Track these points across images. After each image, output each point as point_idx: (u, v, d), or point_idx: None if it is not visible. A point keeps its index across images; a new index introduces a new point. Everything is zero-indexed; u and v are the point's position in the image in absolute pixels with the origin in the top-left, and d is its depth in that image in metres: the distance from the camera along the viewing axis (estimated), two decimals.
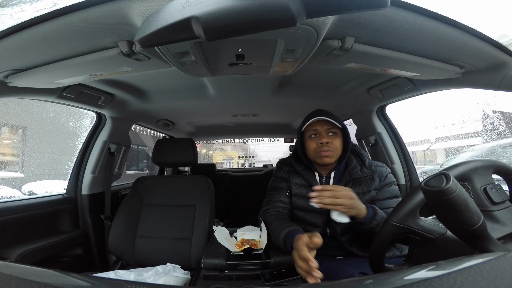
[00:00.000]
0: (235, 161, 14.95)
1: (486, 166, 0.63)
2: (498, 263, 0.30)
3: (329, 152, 0.96)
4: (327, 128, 0.98)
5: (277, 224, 0.92)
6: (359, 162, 1.02)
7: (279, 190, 1.08)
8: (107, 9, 0.54)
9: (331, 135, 0.98)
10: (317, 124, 1.00)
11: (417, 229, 0.55)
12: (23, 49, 0.66)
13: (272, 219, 0.98)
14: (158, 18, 0.36)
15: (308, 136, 1.01)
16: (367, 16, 0.58)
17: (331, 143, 0.96)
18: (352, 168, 0.99)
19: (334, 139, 0.98)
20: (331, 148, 0.96)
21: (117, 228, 1.26)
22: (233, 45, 0.68)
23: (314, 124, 1.00)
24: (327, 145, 0.96)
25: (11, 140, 5.72)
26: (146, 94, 1.32)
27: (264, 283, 0.79)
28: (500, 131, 8.54)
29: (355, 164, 1.01)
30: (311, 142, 1.00)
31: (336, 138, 0.98)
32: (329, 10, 0.32)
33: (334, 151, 0.97)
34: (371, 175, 0.98)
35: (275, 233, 0.89)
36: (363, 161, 1.01)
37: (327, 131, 0.98)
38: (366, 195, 0.96)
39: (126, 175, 5.73)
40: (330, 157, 0.97)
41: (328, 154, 0.96)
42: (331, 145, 0.96)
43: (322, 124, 0.99)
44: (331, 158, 0.97)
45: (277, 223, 0.92)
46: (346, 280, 0.34)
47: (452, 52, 0.73)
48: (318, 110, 1.03)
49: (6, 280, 0.27)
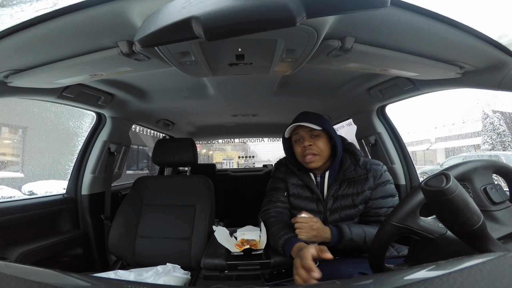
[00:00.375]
0: (235, 161, 14.94)
1: (486, 166, 0.63)
2: (498, 263, 0.30)
3: (313, 157, 0.96)
4: (308, 131, 0.98)
5: (276, 228, 0.92)
6: (353, 161, 1.00)
7: (278, 190, 1.09)
8: (107, 9, 0.54)
9: (313, 137, 0.98)
10: (299, 128, 1.00)
11: (417, 229, 0.55)
12: (23, 49, 0.66)
13: (272, 221, 0.98)
14: (158, 18, 0.36)
15: (294, 141, 1.02)
16: (367, 16, 0.58)
17: (313, 145, 0.96)
18: (346, 168, 0.98)
19: (317, 141, 0.97)
20: (315, 150, 0.96)
21: (117, 228, 1.26)
22: (233, 45, 0.68)
23: (297, 128, 1.00)
24: (310, 148, 0.96)
25: (11, 140, 5.72)
26: (146, 94, 1.32)
27: (264, 283, 0.79)
28: (500, 131, 8.54)
29: (349, 163, 1.00)
30: (297, 146, 1.01)
31: (319, 140, 0.98)
32: (329, 10, 0.32)
33: (319, 153, 0.97)
34: (365, 174, 0.97)
35: (274, 237, 0.90)
36: (357, 160, 1.00)
37: (309, 134, 0.98)
38: (360, 195, 0.95)
39: (126, 175, 5.74)
40: (315, 162, 0.97)
41: (312, 159, 0.96)
42: (314, 148, 0.96)
43: (303, 128, 0.99)
44: (316, 162, 0.97)
45: (277, 227, 0.93)
46: (346, 280, 0.34)
47: (452, 52, 0.73)
48: (301, 114, 1.03)
49: (6, 280, 0.27)
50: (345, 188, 0.97)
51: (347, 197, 0.96)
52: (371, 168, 0.97)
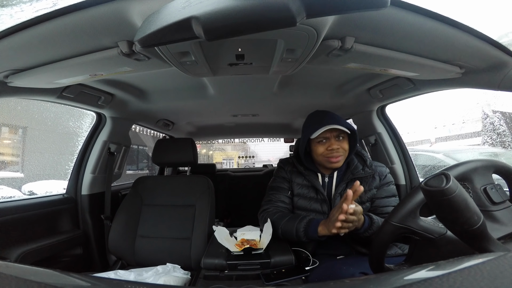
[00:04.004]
0: (235, 161, 14.96)
1: (486, 166, 0.63)
2: (498, 263, 0.30)
3: (339, 158, 0.97)
4: (336, 134, 0.98)
5: (290, 217, 0.96)
6: (360, 162, 1.03)
7: (280, 190, 1.09)
8: (107, 9, 0.54)
9: (339, 139, 0.99)
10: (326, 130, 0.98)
11: (417, 229, 0.55)
12: (23, 49, 0.65)
13: (280, 215, 1.00)
14: (158, 18, 0.35)
15: (316, 142, 1.00)
16: (367, 16, 0.58)
17: (340, 148, 0.97)
18: (354, 168, 1.01)
19: (343, 142, 0.99)
20: (341, 152, 0.97)
21: (117, 228, 1.26)
22: (233, 45, 0.67)
23: None
24: (337, 151, 0.97)
25: (11, 140, 5.72)
26: (146, 94, 1.32)
27: (264, 283, 0.79)
28: (500, 131, 8.56)
29: (357, 163, 1.03)
30: (320, 146, 0.99)
31: (344, 141, 0.99)
32: (329, 10, 0.32)
33: (343, 154, 0.98)
34: (372, 174, 1.00)
35: (291, 224, 0.92)
36: (364, 161, 1.03)
37: (336, 136, 0.98)
38: (368, 193, 0.99)
39: (126, 175, 5.73)
40: (339, 162, 0.98)
41: (338, 160, 0.97)
42: (341, 150, 0.97)
43: (331, 130, 0.97)
44: (340, 163, 0.99)
45: (290, 216, 0.97)
46: (346, 280, 0.34)
47: (452, 52, 0.73)
48: (325, 114, 1.01)
49: (6, 280, 0.27)
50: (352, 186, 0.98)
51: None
52: (376, 169, 1.02)
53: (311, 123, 1.01)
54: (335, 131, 0.98)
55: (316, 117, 1.02)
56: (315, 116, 1.03)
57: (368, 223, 0.86)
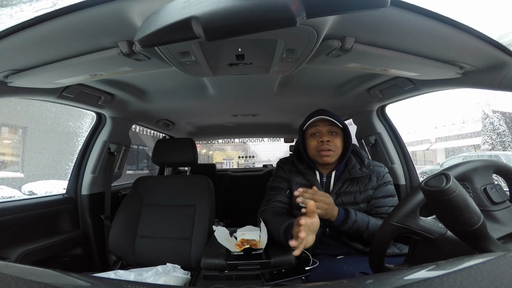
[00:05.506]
0: (235, 161, 14.94)
1: (486, 166, 0.63)
2: (498, 263, 0.30)
3: (329, 152, 0.98)
4: (328, 127, 1.00)
5: (276, 220, 0.96)
6: (358, 162, 1.04)
7: (278, 190, 1.09)
8: (107, 9, 0.54)
9: (332, 134, 1.00)
10: (318, 123, 1.01)
11: (417, 229, 0.55)
12: (23, 49, 0.66)
13: (271, 216, 1.00)
14: (158, 18, 0.35)
15: (309, 135, 1.03)
16: (367, 16, 0.58)
17: (331, 141, 0.98)
18: (352, 167, 1.02)
19: (335, 138, 1.00)
20: (332, 146, 0.98)
21: (117, 228, 1.26)
22: (233, 45, 0.68)
23: (315, 123, 1.02)
24: (328, 144, 0.98)
25: (11, 140, 5.72)
26: (146, 94, 1.32)
27: (264, 283, 0.79)
28: (500, 131, 8.55)
29: (355, 163, 1.03)
30: (312, 140, 1.02)
31: (336, 137, 1.00)
32: (329, 10, 0.32)
33: (335, 150, 0.99)
34: (369, 174, 1.01)
35: (275, 228, 0.92)
36: (362, 161, 1.04)
37: (328, 130, 1.00)
38: (363, 193, 0.99)
39: (126, 175, 5.72)
40: (330, 157, 0.98)
41: (329, 154, 0.98)
42: (332, 144, 0.98)
43: (323, 123, 1.01)
44: (331, 158, 0.99)
45: (277, 219, 0.96)
46: (346, 280, 0.34)
47: (452, 52, 0.73)
48: (320, 110, 1.05)
49: (6, 280, 0.27)
50: (348, 186, 1.00)
51: (349, 195, 0.99)
52: (374, 169, 1.02)
53: (307, 118, 1.05)
54: (327, 124, 1.00)
55: (312, 112, 1.06)
56: (312, 112, 1.07)
57: (343, 216, 0.89)
